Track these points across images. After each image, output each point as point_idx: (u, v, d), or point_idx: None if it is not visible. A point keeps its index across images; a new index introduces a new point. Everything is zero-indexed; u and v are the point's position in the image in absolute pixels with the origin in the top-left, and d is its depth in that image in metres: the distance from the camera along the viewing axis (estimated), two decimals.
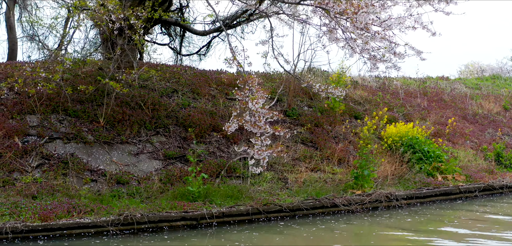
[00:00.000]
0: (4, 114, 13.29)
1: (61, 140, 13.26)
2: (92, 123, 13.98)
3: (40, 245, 9.50)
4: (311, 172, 14.67)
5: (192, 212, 11.02)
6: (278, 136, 14.23)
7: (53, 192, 11.37)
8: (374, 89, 20.45)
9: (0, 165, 11.86)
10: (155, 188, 12.46)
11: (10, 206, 10.33)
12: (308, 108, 17.85)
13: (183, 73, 18.14)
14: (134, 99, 15.14)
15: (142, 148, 13.91)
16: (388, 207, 13.12)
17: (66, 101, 14.14)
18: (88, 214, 10.54)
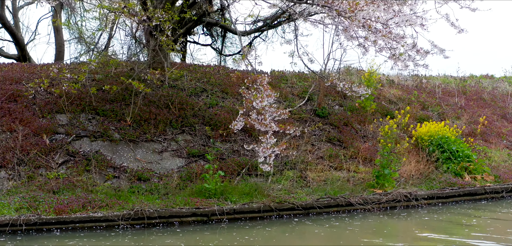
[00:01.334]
0: (35, 113, 13.94)
1: (88, 138, 13.78)
2: (119, 122, 14.45)
3: (55, 236, 9.97)
4: (335, 171, 14.67)
5: (203, 209, 11.27)
6: (288, 134, 14.29)
7: (73, 187, 11.85)
8: (410, 88, 20.17)
9: (27, 161, 12.47)
10: (174, 185, 12.78)
11: (29, 200, 10.87)
12: (339, 107, 17.81)
13: (215, 73, 18.45)
14: (162, 99, 15.55)
15: (167, 146, 14.28)
16: (407, 206, 12.98)
17: (95, 101, 14.70)
18: (103, 208, 10.96)
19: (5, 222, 9.90)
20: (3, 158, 12.30)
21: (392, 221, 11.79)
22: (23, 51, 23.13)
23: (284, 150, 11.81)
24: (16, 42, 23.09)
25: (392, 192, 13.00)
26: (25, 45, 23.36)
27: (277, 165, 14.39)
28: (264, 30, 23.58)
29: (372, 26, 10.41)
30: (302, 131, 15.82)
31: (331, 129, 16.49)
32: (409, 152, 15.49)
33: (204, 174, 12.76)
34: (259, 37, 24.84)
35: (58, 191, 11.63)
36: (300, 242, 10.10)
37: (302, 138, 15.53)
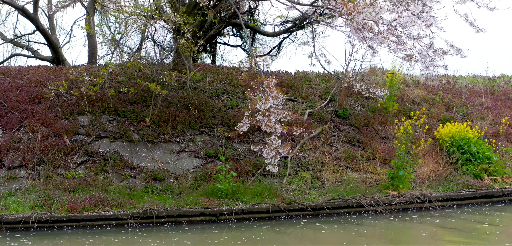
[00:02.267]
0: (57, 114, 14.41)
1: (108, 139, 14.18)
2: (139, 123, 14.80)
3: (67, 233, 10.35)
4: (352, 172, 14.67)
5: (212, 208, 11.49)
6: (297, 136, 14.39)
7: (89, 187, 12.23)
8: (436, 88, 19.92)
9: (47, 161, 12.93)
10: (188, 185, 13.02)
11: (44, 199, 11.29)
12: (361, 108, 17.77)
13: (238, 74, 18.65)
14: (182, 100, 15.84)
15: (185, 146, 14.55)
16: (420, 208, 12.88)
17: (117, 103, 15.11)
18: (115, 207, 11.29)
19: (18, 220, 10.33)
20: (23, 158, 12.79)
21: (401, 223, 11.74)
22: (56, 53, 23.82)
23: (290, 151, 11.88)
24: (49, 44, 23.80)
25: (405, 193, 12.94)
26: (58, 47, 24.03)
27: (293, 166, 14.50)
28: (293, 30, 23.70)
29: (373, 28, 10.41)
30: (320, 132, 15.90)
31: (351, 130, 16.48)
32: (429, 153, 15.35)
33: (217, 175, 12.96)
34: (288, 38, 24.97)
35: (74, 190, 12.02)
36: (301, 242, 10.19)
37: (319, 139, 15.58)
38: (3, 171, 12.46)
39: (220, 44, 26.68)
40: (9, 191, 11.80)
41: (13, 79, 15.72)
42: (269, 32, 24.82)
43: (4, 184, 12.13)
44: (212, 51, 25.97)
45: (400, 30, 11.21)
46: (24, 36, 25.73)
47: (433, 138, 16.25)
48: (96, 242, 9.80)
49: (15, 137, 13.33)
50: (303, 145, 15.21)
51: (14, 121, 13.79)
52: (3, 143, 13.00)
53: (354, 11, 9.75)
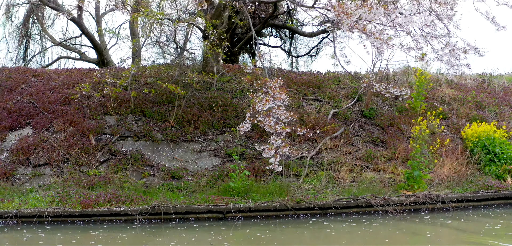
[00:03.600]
0: (86, 115, 15.13)
1: (132, 138, 14.77)
2: (163, 123, 15.32)
3: (79, 227, 10.93)
4: (371, 172, 14.70)
5: (219, 206, 11.83)
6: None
7: (107, 184, 12.83)
8: (469, 88, 19.56)
9: (71, 160, 13.62)
10: (203, 183, 13.43)
11: (62, 194, 11.94)
12: (389, 107, 17.71)
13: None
14: (207, 101, 16.27)
15: (206, 146, 14.97)
16: (433, 209, 12.81)
17: (143, 103, 15.70)
18: (127, 204, 11.81)
19: (33, 214, 11.01)
20: (49, 157, 13.53)
21: (409, 223, 11.69)
22: (101, 55, 24.78)
23: (296, 150, 12.07)
24: (94, 47, 24.79)
25: (417, 194, 12.89)
26: (103, 49, 24.97)
27: (312, 166, 14.67)
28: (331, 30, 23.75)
29: (367, 29, 10.46)
30: (342, 132, 15.99)
31: (375, 130, 16.48)
32: (452, 153, 15.18)
33: (231, 173, 13.30)
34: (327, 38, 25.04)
35: (92, 187, 12.63)
36: (305, 241, 10.36)
37: (342, 139, 15.67)
38: (29, 168, 13.23)
39: (260, 44, 27.04)
40: (32, 187, 12.54)
41: (47, 81, 16.57)
42: (308, 32, 25.00)
43: (29, 181, 12.88)
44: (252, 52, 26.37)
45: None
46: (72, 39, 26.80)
47: (460, 138, 16.07)
48: (105, 236, 10.29)
49: (43, 136, 14.10)
50: (324, 144, 15.35)
51: (44, 121, 14.58)
52: (32, 142, 13.78)
53: (341, 12, 9.85)
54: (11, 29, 26.90)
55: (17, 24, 26.67)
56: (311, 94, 17.97)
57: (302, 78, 18.89)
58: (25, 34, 27.19)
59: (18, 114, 14.67)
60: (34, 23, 27.32)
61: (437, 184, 13.81)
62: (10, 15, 26.37)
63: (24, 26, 27.00)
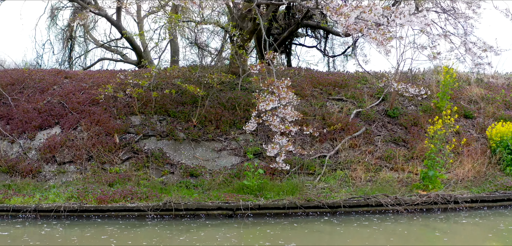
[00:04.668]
0: (112, 114, 15.74)
1: (155, 137, 15.28)
2: (187, 123, 15.77)
3: (96, 222, 11.49)
4: (390, 171, 14.74)
5: (229, 203, 12.17)
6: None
7: (126, 181, 13.35)
8: (500, 87, 19.22)
9: (95, 158, 14.23)
10: (219, 181, 13.79)
11: (81, 191, 12.53)
12: (414, 107, 17.64)
13: (295, 75, 19.13)
14: (230, 101, 16.64)
15: (227, 145, 15.33)
16: (445, 209, 12.77)
17: (168, 103, 16.21)
18: (142, 200, 12.30)
19: (51, 208, 11.62)
20: (74, 155, 14.18)
21: (420, 223, 11.72)
22: (140, 56, 25.52)
23: (303, 149, 12.26)
24: (133, 48, 25.55)
25: (429, 194, 12.88)
26: (142, 51, 25.70)
27: (330, 165, 14.83)
28: None
29: (364, 29, 10.54)
30: (363, 131, 16.06)
31: (398, 129, 16.47)
32: (474, 153, 15.05)
33: (245, 172, 13.62)
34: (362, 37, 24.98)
35: (112, 184, 13.18)
36: (315, 239, 10.57)
37: (363, 138, 15.76)
38: (55, 166, 13.91)
39: (295, 45, 27.28)
40: (55, 184, 13.19)
41: (78, 82, 17.30)
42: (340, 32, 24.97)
43: (54, 178, 13.56)
44: (287, 52, 26.61)
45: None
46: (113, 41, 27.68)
47: (485, 137, 15.90)
48: (119, 231, 10.76)
49: (70, 135, 14.78)
50: (344, 144, 15.48)
51: (72, 121, 15.26)
52: (59, 141, 14.48)
53: (336, 13, 9.98)
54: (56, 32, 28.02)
55: (62, 27, 27.75)
56: (336, 93, 18.08)
57: (328, 78, 19.01)
58: (69, 37, 28.28)
59: (47, 114, 15.41)
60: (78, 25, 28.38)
61: (454, 184, 13.74)
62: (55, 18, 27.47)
63: (69, 28, 28.06)
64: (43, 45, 27.81)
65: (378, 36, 10.18)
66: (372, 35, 10.35)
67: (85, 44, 29.20)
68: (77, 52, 28.60)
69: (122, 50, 28.52)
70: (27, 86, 16.80)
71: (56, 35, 28.17)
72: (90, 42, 28.57)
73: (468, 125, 16.89)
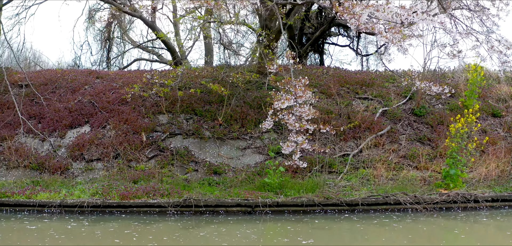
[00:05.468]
0: (141, 113, 16.15)
1: (181, 135, 15.62)
2: (213, 121, 16.07)
3: (119, 217, 11.86)
4: (414, 170, 14.71)
5: (248, 200, 12.38)
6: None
7: (150, 178, 13.72)
8: None
9: (122, 155, 14.65)
10: (241, 178, 14.02)
11: (106, 187, 12.94)
12: (441, 106, 17.51)
13: (322, 74, 19.22)
14: (256, 100, 16.86)
15: (251, 143, 15.56)
16: (466, 208, 12.68)
17: (195, 102, 16.53)
18: (164, 196, 12.62)
19: (75, 204, 12.05)
20: (101, 152, 14.63)
21: (436, 222, 11.68)
22: (175, 56, 25.99)
23: (320, 147, 12.38)
24: (168, 48, 26.04)
25: (449, 192, 12.81)
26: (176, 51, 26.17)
27: (354, 163, 14.89)
28: None
29: (375, 29, 10.56)
30: (388, 130, 16.05)
31: (424, 128, 16.39)
32: (499, 152, 14.88)
33: (267, 170, 13.80)
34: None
35: (137, 181, 13.56)
36: (333, 236, 10.68)
37: (388, 137, 15.75)
38: (83, 163, 14.39)
39: (328, 44, 27.32)
40: (82, 180, 13.66)
41: (109, 82, 17.80)
42: None
43: (82, 175, 14.03)
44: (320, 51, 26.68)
45: None
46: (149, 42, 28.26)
47: None
48: (142, 226, 11.06)
49: (99, 133, 15.24)
50: (368, 142, 15.51)
51: (101, 120, 15.74)
52: (87, 139, 14.96)
53: (346, 14, 10.03)
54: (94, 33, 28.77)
55: (99, 28, 28.46)
56: (363, 92, 18.09)
57: (356, 77, 19.03)
58: (107, 38, 28.98)
59: (78, 113, 15.92)
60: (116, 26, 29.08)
61: (476, 183, 13.62)
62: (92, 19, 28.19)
63: (107, 29, 28.76)
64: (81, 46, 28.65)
65: (389, 35, 10.23)
66: (383, 34, 10.37)
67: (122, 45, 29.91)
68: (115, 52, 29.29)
69: (158, 50, 29.11)
70: (59, 86, 17.39)
71: (94, 36, 28.93)
72: (127, 43, 29.24)
73: (496, 124, 16.68)
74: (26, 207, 12.05)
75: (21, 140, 14.91)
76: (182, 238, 10.25)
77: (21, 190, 12.43)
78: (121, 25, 28.84)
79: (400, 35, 10.22)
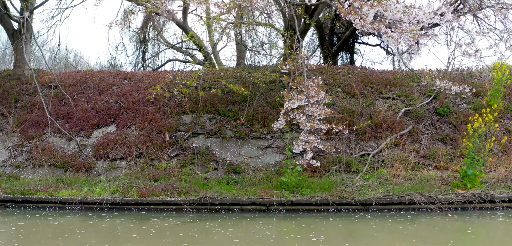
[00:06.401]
0: (165, 113, 16.55)
1: (204, 135, 15.95)
2: (236, 121, 16.35)
3: (139, 214, 12.26)
4: (434, 170, 14.66)
5: (263, 199, 12.59)
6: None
7: (170, 176, 14.07)
8: None
9: (145, 154, 15.06)
10: (260, 177, 14.25)
11: (126, 185, 13.36)
12: (466, 105, 17.37)
13: (347, 73, 19.26)
14: (279, 100, 17.04)
15: (272, 143, 15.76)
16: (481, 208, 12.60)
17: (218, 102, 16.85)
18: (182, 194, 12.94)
19: (95, 201, 12.50)
20: (125, 152, 15.08)
21: (449, 222, 11.66)
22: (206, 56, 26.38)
23: (332, 146, 12.48)
24: (200, 49, 26.45)
25: (465, 192, 12.75)
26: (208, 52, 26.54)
27: (374, 163, 14.94)
28: (430, 26, 23.45)
29: (381, 28, 10.59)
30: (410, 130, 16.02)
31: (447, 128, 16.30)
32: None
33: (285, 169, 13.98)
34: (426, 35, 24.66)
35: (157, 179, 13.94)
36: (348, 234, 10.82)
37: (410, 137, 15.74)
38: (107, 162, 14.87)
39: (359, 43, 27.28)
40: (105, 179, 14.12)
41: (136, 83, 18.28)
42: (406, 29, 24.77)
43: (105, 173, 14.50)
44: (350, 51, 26.67)
45: None
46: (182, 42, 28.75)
47: None
48: (160, 223, 11.40)
49: (124, 133, 15.71)
50: (389, 142, 15.52)
51: (126, 120, 16.21)
52: (112, 138, 15.44)
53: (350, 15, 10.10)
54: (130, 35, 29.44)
55: (135, 30, 29.11)
56: (387, 92, 18.08)
57: (381, 76, 19.02)
58: (143, 39, 29.62)
59: (104, 113, 16.43)
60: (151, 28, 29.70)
61: (495, 183, 13.50)
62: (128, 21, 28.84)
63: (142, 30, 29.40)
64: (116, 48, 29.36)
65: (395, 35, 10.28)
66: (389, 33, 10.43)
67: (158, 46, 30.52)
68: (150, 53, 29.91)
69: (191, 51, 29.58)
70: (88, 87, 17.96)
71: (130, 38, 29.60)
72: (161, 44, 29.82)
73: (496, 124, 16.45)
74: (49, 204, 12.56)
75: (49, 139, 15.49)
76: (198, 234, 10.53)
77: (44, 188, 12.95)
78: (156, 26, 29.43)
79: (410, 35, 10.25)
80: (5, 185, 13.21)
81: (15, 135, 15.73)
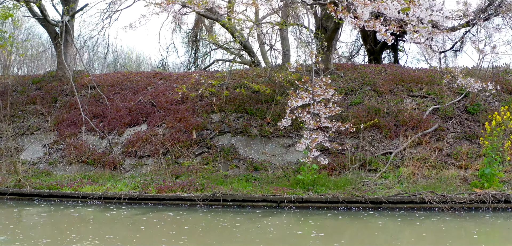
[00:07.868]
0: (195, 112, 17.13)
1: (230, 133, 16.40)
2: (262, 120, 16.71)
3: (157, 208, 12.87)
4: (456, 169, 14.51)
5: (274, 196, 12.91)
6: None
7: (192, 173, 14.59)
8: None
9: (172, 152, 15.67)
10: (278, 175, 14.54)
11: (147, 181, 13.99)
12: (498, 103, 17.00)
13: (379, 72, 19.21)
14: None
15: (296, 141, 15.98)
16: (495, 208, 12.40)
17: (247, 101, 17.26)
18: (198, 191, 13.43)
19: (114, 196, 13.20)
20: (153, 149, 15.74)
21: (458, 221, 11.57)
22: (253, 57, 26.89)
23: (338, 144, 12.57)
24: (246, 49, 26.98)
25: (479, 192, 12.59)
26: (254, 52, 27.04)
27: (395, 161, 14.94)
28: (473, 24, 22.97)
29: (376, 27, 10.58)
30: (436, 128, 15.89)
31: (475, 126, 16.03)
32: None
33: (301, 167, 14.22)
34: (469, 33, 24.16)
35: (178, 176, 14.51)
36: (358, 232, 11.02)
37: (436, 135, 15.61)
38: (135, 159, 15.57)
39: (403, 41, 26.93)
40: (130, 175, 14.81)
41: (171, 83, 18.95)
42: (448, 27, 24.32)
43: (132, 169, 15.21)
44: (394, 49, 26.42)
45: None
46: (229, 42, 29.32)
47: None
48: (173, 216, 11.93)
49: (154, 132, 16.39)
50: (413, 141, 15.46)
51: (157, 119, 16.89)
52: (142, 137, 16.14)
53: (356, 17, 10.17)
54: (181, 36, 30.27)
55: (186, 31, 29.93)
56: (418, 90, 17.94)
57: (413, 75, 18.86)
58: (194, 40, 30.44)
59: (137, 112, 17.18)
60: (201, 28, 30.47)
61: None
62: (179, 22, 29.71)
63: (193, 32, 30.21)
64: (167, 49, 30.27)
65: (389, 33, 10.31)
66: (383, 31, 10.47)
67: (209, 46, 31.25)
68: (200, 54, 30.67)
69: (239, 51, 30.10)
70: (124, 87, 18.79)
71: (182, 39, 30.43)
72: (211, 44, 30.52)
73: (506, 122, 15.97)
74: (72, 198, 13.37)
75: (82, 137, 16.38)
76: (209, 227, 10.97)
77: (70, 183, 13.77)
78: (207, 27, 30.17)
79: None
80: (35, 181, 14.13)
81: (52, 134, 16.73)
